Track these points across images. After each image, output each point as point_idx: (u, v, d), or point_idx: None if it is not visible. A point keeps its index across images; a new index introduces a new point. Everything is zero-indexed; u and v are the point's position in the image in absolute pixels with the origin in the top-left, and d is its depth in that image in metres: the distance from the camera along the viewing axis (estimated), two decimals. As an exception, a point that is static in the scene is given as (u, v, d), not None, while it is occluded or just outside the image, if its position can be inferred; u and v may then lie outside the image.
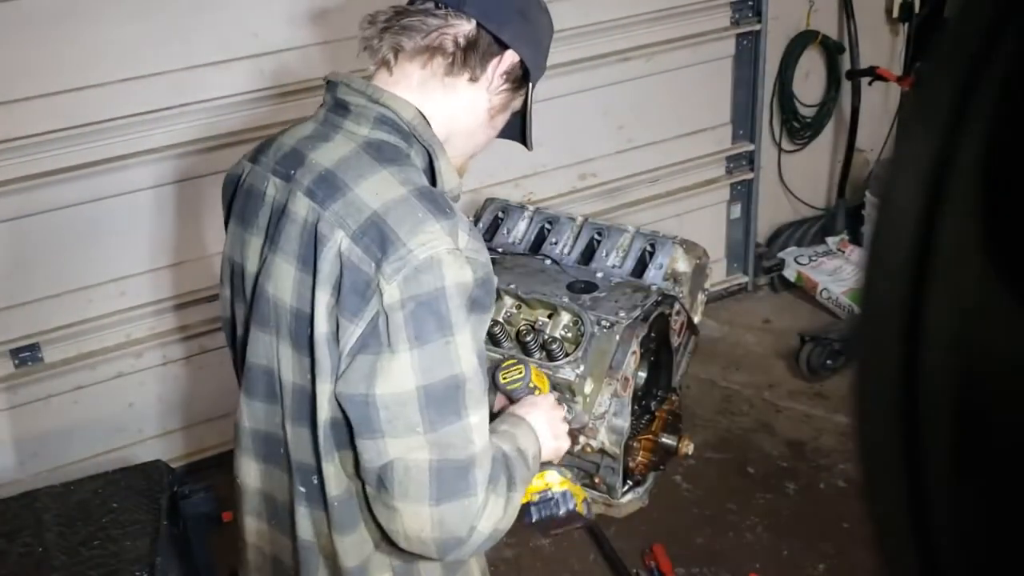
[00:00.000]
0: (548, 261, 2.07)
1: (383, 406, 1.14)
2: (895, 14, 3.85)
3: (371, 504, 1.21)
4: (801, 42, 3.77)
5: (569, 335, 1.83)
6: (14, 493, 2.28)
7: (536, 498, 1.44)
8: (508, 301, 1.92)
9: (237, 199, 1.39)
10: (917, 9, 3.78)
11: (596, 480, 1.92)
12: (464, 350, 1.15)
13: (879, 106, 4.00)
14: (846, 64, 3.85)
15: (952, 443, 0.38)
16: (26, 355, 2.81)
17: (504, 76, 1.30)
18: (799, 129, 3.95)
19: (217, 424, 3.09)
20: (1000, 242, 0.35)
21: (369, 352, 1.15)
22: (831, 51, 3.85)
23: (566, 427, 1.53)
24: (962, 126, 0.36)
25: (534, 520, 1.46)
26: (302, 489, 1.31)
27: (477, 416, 1.17)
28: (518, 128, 1.44)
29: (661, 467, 2.01)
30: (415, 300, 1.12)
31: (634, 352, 1.78)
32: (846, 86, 3.89)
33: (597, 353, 1.76)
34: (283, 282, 1.25)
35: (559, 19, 1.44)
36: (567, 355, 1.74)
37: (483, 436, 1.18)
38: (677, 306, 1.96)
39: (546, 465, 1.49)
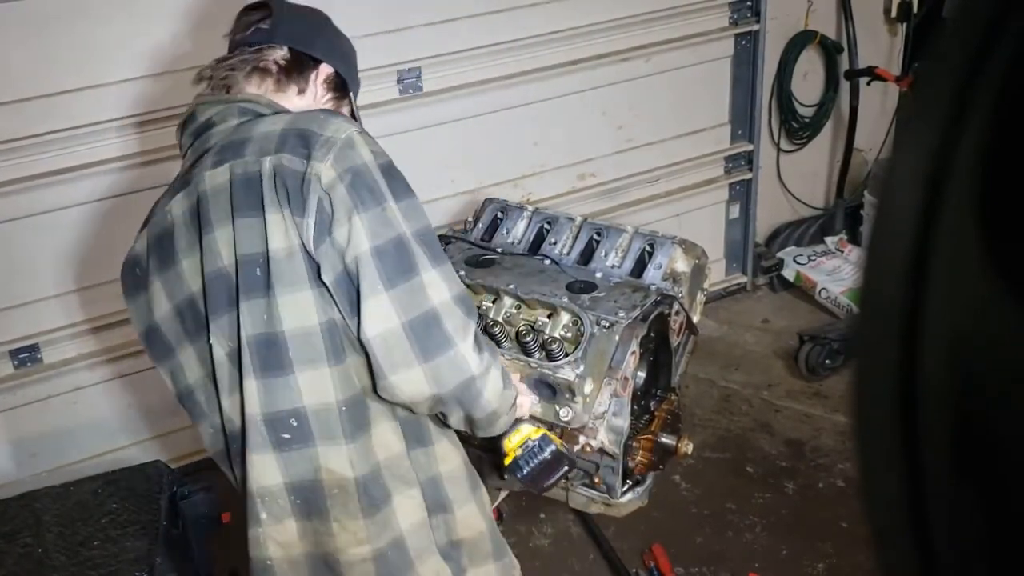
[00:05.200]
0: (547, 261, 2.07)
1: (358, 266, 1.25)
2: (893, 14, 3.86)
3: (380, 392, 1.32)
4: (800, 42, 3.77)
5: (569, 335, 1.83)
6: (14, 494, 2.27)
7: (520, 451, 1.53)
8: (508, 301, 1.92)
9: (151, 260, 1.44)
10: (915, 9, 3.78)
11: (596, 480, 1.93)
12: (400, 216, 1.28)
13: (877, 106, 4.01)
14: (844, 64, 3.85)
15: (951, 443, 0.38)
16: (25, 355, 2.81)
17: (325, 85, 1.52)
18: (798, 129, 3.95)
19: (216, 424, 3.07)
20: (999, 241, 0.35)
21: (328, 235, 1.26)
22: (829, 51, 3.85)
23: (524, 385, 1.67)
24: (960, 125, 0.36)
25: (525, 473, 1.54)
26: (286, 436, 1.33)
27: (428, 275, 1.28)
28: None
29: (660, 467, 2.01)
30: (350, 172, 1.26)
31: (633, 352, 1.78)
32: (844, 86, 3.89)
33: (596, 353, 1.76)
34: (223, 247, 1.32)
35: (559, 20, 1.46)
36: (567, 355, 1.74)
37: (440, 293, 1.29)
38: (676, 306, 1.96)
39: (518, 422, 1.56)
